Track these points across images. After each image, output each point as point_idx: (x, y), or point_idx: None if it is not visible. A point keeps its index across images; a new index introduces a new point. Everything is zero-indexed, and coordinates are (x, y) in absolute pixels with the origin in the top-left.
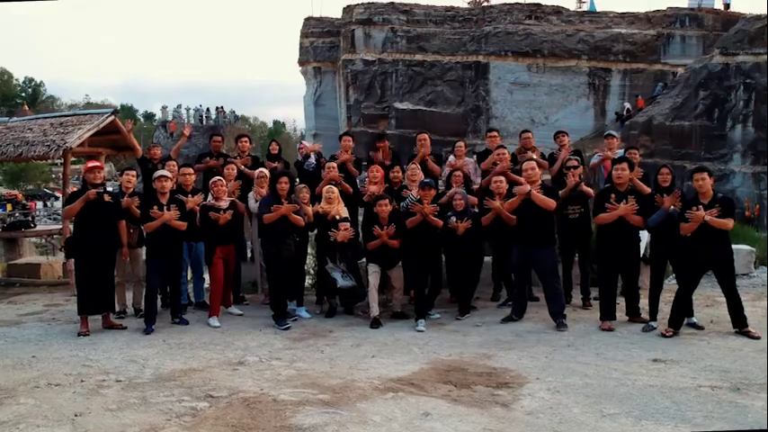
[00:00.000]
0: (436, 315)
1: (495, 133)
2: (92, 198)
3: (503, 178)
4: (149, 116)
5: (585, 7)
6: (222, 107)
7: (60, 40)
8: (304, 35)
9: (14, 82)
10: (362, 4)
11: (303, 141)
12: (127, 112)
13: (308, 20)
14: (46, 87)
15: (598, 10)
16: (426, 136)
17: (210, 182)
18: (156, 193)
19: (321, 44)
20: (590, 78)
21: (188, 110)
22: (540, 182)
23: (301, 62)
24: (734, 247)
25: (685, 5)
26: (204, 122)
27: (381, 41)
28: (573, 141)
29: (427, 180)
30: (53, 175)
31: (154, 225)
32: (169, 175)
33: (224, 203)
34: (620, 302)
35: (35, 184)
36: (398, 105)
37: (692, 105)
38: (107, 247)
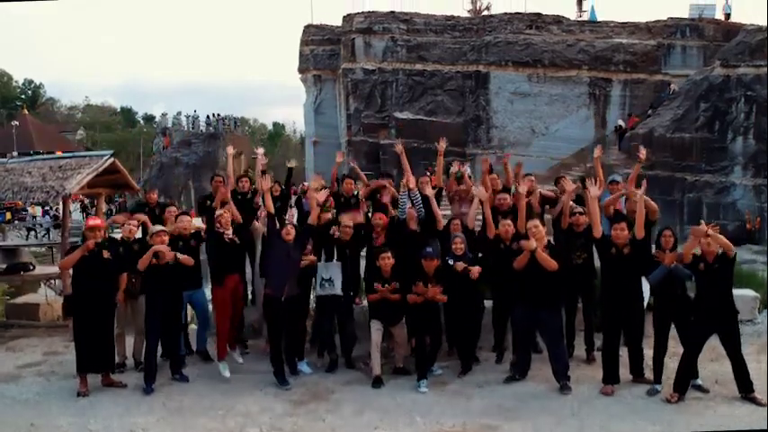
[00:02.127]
0: (438, 371)
1: (496, 176)
2: (91, 248)
3: (510, 222)
4: (149, 118)
5: (586, 16)
6: (219, 114)
7: (60, 41)
8: (304, 43)
9: (14, 84)
10: (362, 13)
11: (306, 183)
12: (126, 114)
13: (307, 27)
14: (45, 89)
15: (599, 19)
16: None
17: (216, 215)
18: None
19: (321, 52)
20: (590, 88)
21: (188, 117)
22: (545, 240)
23: (301, 70)
24: (737, 293)
25: (686, 15)
26: (204, 130)
27: (382, 51)
28: (573, 151)
29: (429, 250)
30: None
31: (145, 259)
32: (166, 229)
33: (230, 232)
34: (624, 354)
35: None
36: (398, 115)
37: (693, 117)
38: (106, 303)
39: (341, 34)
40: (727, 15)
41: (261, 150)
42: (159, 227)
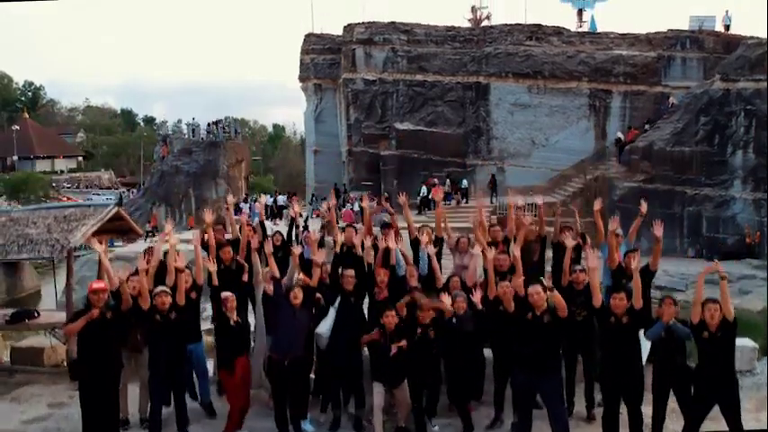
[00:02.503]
0: (435, 428)
1: (498, 228)
2: (95, 317)
3: (508, 284)
4: (149, 120)
5: (586, 26)
6: (220, 121)
7: (60, 41)
8: (304, 51)
9: (14, 86)
10: (363, 23)
11: (309, 232)
12: (126, 116)
13: (308, 36)
14: (46, 91)
15: (599, 30)
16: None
17: (223, 297)
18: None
19: (322, 61)
20: (590, 100)
21: (188, 125)
22: (545, 306)
23: (302, 78)
24: (737, 343)
25: (686, 27)
26: (204, 137)
27: (382, 61)
28: (573, 162)
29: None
30: (53, 184)
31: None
32: (167, 290)
33: (234, 314)
34: (624, 411)
35: (36, 195)
36: (399, 126)
37: (693, 131)
38: (111, 366)
39: (341, 44)
40: (727, 27)
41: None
42: (162, 288)
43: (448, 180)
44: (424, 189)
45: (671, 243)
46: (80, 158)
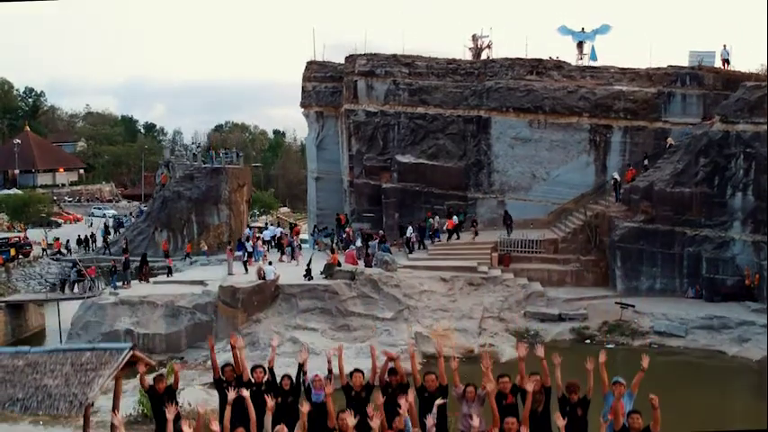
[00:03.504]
0: None
1: (507, 380)
2: None
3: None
4: (150, 127)
5: (587, 59)
6: (224, 151)
7: (60, 41)
8: (306, 79)
9: (15, 92)
10: (365, 55)
11: (319, 375)
12: (127, 123)
13: (310, 64)
14: (46, 97)
15: (599, 61)
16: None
17: None
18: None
19: (323, 89)
20: (591, 135)
21: (189, 150)
22: None
23: (304, 105)
24: None
25: (685, 60)
26: (207, 163)
27: (384, 93)
28: (574, 196)
29: None
30: (55, 198)
31: None
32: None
33: None
34: None
35: (39, 217)
36: (401, 159)
37: (693, 172)
38: None
39: (342, 72)
40: (726, 61)
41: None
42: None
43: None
44: (430, 220)
45: (671, 283)
46: (81, 171)
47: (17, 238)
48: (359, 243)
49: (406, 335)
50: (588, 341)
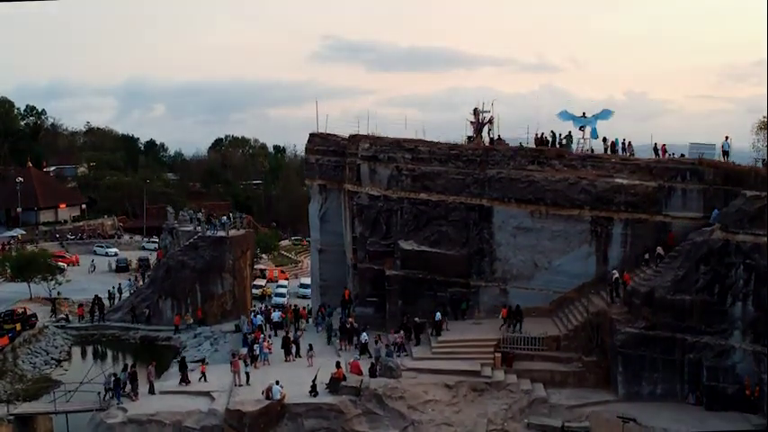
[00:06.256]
0: None
1: None
2: None
3: None
4: (150, 145)
5: (588, 140)
6: (227, 217)
7: (61, 41)
8: (309, 151)
9: (15, 111)
10: (368, 138)
11: None
12: (128, 143)
13: (312, 136)
14: (47, 115)
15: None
16: None
17: None
18: None
19: (326, 162)
20: (592, 226)
21: (191, 217)
22: None
23: (307, 177)
24: None
25: (686, 150)
26: (211, 231)
27: (387, 178)
28: (575, 285)
29: None
30: (57, 235)
31: None
32: None
33: None
34: None
35: (43, 276)
36: (404, 246)
37: (693, 279)
38: None
39: (345, 148)
40: (726, 153)
41: None
42: None
43: None
44: (438, 315)
45: (672, 389)
46: (83, 206)
47: (22, 309)
48: (364, 337)
49: None
50: None
